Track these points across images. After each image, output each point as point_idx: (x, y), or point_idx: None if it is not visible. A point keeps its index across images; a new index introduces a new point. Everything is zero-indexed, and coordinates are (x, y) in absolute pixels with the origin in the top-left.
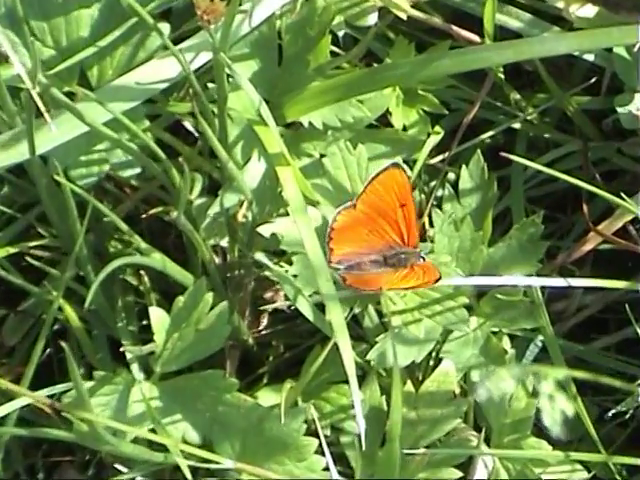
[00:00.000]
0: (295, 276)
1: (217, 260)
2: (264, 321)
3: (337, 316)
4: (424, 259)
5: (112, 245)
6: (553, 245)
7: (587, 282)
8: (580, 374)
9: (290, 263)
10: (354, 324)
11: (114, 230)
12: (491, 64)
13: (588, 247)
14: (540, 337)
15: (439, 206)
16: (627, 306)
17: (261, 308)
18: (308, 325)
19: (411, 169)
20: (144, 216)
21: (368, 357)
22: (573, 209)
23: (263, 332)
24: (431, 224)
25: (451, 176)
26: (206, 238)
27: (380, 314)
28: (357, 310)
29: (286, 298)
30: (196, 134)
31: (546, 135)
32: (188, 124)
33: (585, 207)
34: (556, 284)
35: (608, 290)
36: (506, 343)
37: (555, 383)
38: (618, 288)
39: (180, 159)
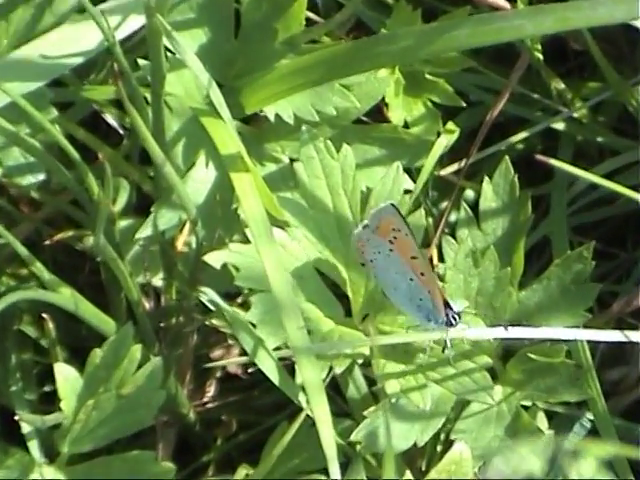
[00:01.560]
0: (254, 325)
1: (148, 303)
2: (211, 389)
3: (313, 379)
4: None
5: (3, 282)
6: (607, 289)
7: None
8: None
9: (248, 307)
10: (334, 393)
11: (7, 260)
12: (524, 36)
13: None
14: (589, 415)
15: (452, 233)
16: None
17: (207, 368)
18: (272, 394)
19: (414, 180)
20: (48, 242)
21: (353, 438)
22: (635, 241)
23: (209, 404)
24: (441, 257)
25: (469, 193)
26: (133, 273)
27: (370, 380)
28: (339, 371)
29: (242, 355)
30: (121, 130)
31: (600, 139)
32: (110, 117)
33: None
34: (612, 339)
35: None
36: (542, 421)
37: (599, 464)
38: None
39: (99, 162)
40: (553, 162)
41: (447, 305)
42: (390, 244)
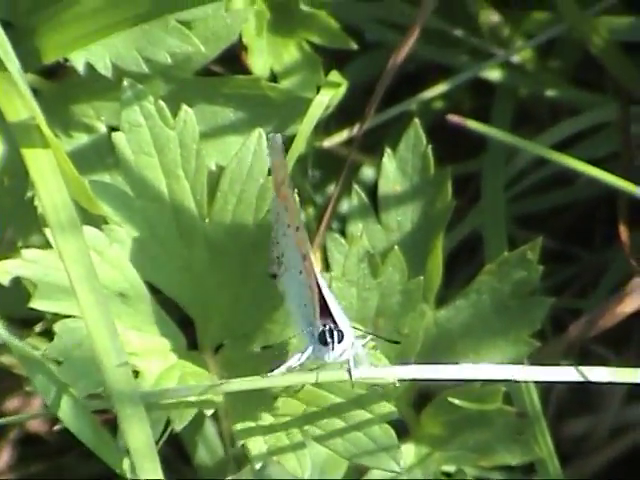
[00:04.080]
0: (59, 362)
1: None
2: (5, 455)
3: (140, 439)
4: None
5: None
6: (566, 305)
7: (630, 375)
8: None
9: (50, 337)
10: (179, 457)
11: None
12: None
13: (629, 308)
14: None
15: (342, 229)
16: None
17: None
18: (89, 462)
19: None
20: None
21: None
22: (605, 237)
23: (3, 477)
24: (326, 263)
25: (366, 172)
26: None
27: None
28: (179, 427)
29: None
30: None
31: (551, 93)
32: None
33: (624, 232)
34: (565, 379)
35: None
36: None
37: None
38: None
39: None
40: (483, 128)
41: (329, 315)
42: (285, 211)
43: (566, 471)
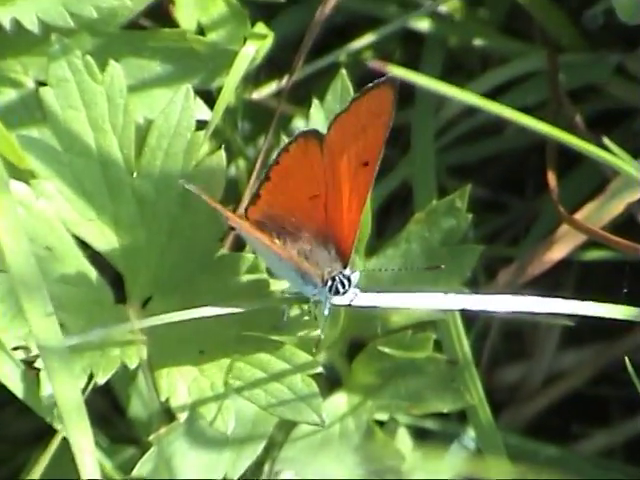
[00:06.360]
0: None
1: None
2: None
3: (67, 391)
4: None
5: None
6: (497, 254)
7: (565, 307)
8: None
9: None
10: (115, 410)
11: None
12: None
13: (558, 254)
14: (471, 432)
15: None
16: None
17: None
18: (29, 415)
19: (211, 107)
20: None
21: (136, 472)
22: (536, 186)
23: None
24: None
25: (297, 125)
26: None
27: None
28: (102, 379)
29: None
30: None
31: (479, 42)
32: None
33: (552, 179)
34: (504, 309)
35: (606, 340)
36: (404, 441)
37: None
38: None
39: None
40: (411, 76)
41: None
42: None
43: (500, 418)
